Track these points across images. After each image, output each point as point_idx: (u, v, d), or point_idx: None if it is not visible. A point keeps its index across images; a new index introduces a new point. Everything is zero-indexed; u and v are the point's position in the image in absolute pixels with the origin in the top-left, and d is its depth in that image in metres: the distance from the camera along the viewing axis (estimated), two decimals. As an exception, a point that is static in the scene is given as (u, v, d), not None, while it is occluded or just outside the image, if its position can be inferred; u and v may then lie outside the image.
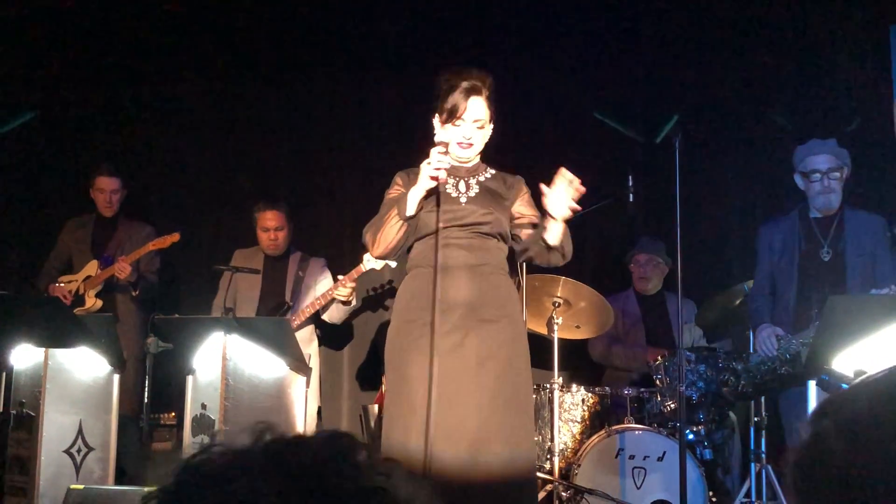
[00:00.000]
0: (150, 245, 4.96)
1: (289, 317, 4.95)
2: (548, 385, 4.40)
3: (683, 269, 3.72)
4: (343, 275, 4.87)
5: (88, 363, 4.05)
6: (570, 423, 4.47)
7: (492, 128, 3.15)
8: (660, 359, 4.51)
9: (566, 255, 3.14)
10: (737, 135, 5.62)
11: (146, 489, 3.58)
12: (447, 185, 3.09)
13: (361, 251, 4.58)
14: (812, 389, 3.44)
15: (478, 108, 3.07)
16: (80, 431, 3.97)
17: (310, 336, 5.09)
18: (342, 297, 4.86)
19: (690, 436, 4.22)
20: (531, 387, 3.22)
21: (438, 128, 3.12)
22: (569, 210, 2.96)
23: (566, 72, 5.72)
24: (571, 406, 4.49)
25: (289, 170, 5.86)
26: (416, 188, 3.00)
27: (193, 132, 5.91)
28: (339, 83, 5.84)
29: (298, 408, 3.92)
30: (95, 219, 5.26)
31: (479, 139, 3.13)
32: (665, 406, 4.41)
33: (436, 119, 3.13)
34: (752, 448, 4.27)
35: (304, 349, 4.81)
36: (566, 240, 3.09)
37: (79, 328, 3.96)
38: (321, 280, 5.16)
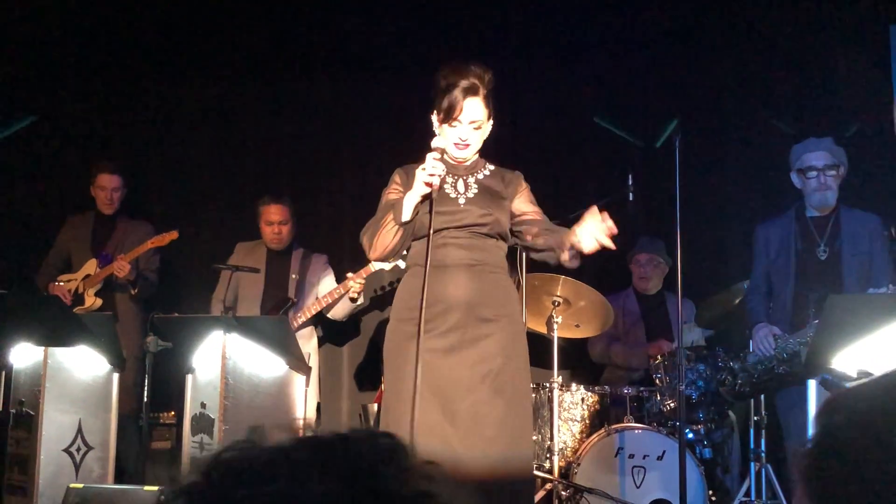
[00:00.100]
0: (149, 243, 4.95)
1: (292, 314, 4.95)
2: (547, 384, 4.40)
3: (683, 269, 3.72)
4: (348, 272, 4.86)
5: (88, 362, 4.05)
6: (570, 422, 4.47)
7: (491, 124, 3.13)
8: (659, 358, 4.51)
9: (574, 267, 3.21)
10: (737, 135, 5.61)
11: (146, 488, 3.59)
12: (445, 185, 3.08)
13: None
14: (812, 388, 3.44)
15: (475, 109, 3.04)
16: (80, 430, 3.97)
17: (309, 333, 5.08)
18: (353, 294, 4.85)
19: (690, 435, 4.22)
20: (530, 387, 3.22)
21: (436, 125, 3.10)
22: (597, 244, 3.01)
23: (566, 72, 5.72)
24: (571, 405, 4.49)
25: (289, 168, 5.86)
26: (412, 193, 2.99)
27: (193, 131, 5.91)
28: (339, 80, 5.84)
29: (298, 407, 3.91)
30: (95, 217, 5.24)
31: (476, 139, 3.11)
32: (665, 405, 4.42)
33: (434, 116, 3.10)
34: (752, 447, 4.27)
35: (304, 347, 4.80)
36: (579, 260, 3.16)
37: (78, 327, 3.95)
38: (324, 277, 5.15)
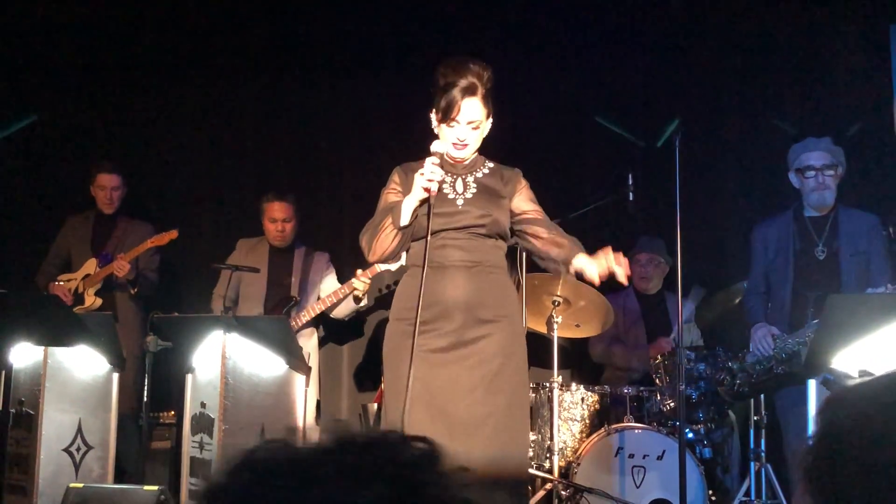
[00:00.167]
0: (149, 242, 4.94)
1: (295, 313, 4.95)
2: (547, 384, 4.39)
3: (683, 269, 3.72)
4: (357, 270, 4.84)
5: (88, 362, 4.05)
6: (570, 422, 4.47)
7: (490, 123, 3.11)
8: (659, 358, 4.51)
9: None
10: (737, 135, 5.61)
11: (146, 488, 3.59)
12: (444, 186, 3.07)
13: None
14: (812, 388, 3.44)
15: (473, 110, 3.02)
16: (80, 430, 3.97)
17: (310, 332, 5.06)
18: (359, 293, 4.85)
19: (690, 435, 4.22)
20: (528, 388, 3.22)
21: (434, 123, 3.09)
22: (600, 276, 3.04)
23: (567, 71, 5.71)
24: (571, 405, 4.49)
25: (289, 166, 5.85)
26: (410, 198, 2.98)
27: (193, 131, 5.90)
28: (340, 78, 5.83)
29: (298, 406, 3.91)
30: (95, 216, 5.24)
31: (475, 139, 3.09)
32: (664, 405, 4.42)
33: (432, 115, 3.08)
34: (752, 447, 4.27)
35: (304, 346, 4.80)
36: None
37: (78, 327, 3.95)
38: (326, 275, 5.13)
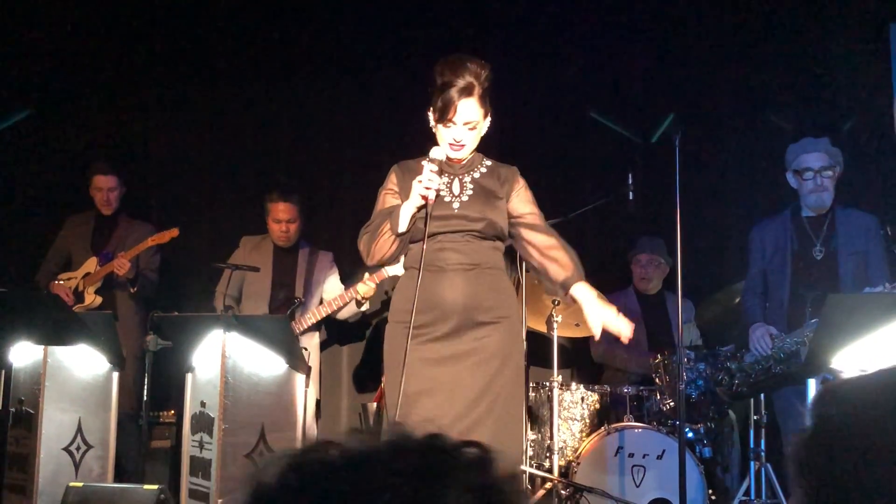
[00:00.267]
0: (150, 240, 4.93)
1: (299, 314, 4.94)
2: (547, 383, 4.39)
3: (683, 269, 3.72)
4: (364, 273, 4.84)
5: (88, 361, 4.05)
6: (570, 422, 4.47)
7: (489, 122, 3.09)
8: (659, 357, 4.51)
9: None
10: (737, 134, 5.61)
11: (145, 487, 3.59)
12: (440, 189, 3.04)
13: None
14: (812, 388, 3.44)
15: (469, 110, 3.00)
16: (80, 429, 3.97)
17: (311, 332, 5.07)
18: (360, 296, 4.84)
19: (690, 434, 4.22)
20: (523, 389, 3.22)
21: (432, 122, 3.07)
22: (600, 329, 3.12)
23: (566, 70, 5.71)
24: (571, 404, 4.49)
25: (289, 166, 5.85)
26: (408, 204, 2.97)
27: (193, 130, 5.90)
28: (340, 78, 5.83)
29: (298, 405, 3.91)
30: (96, 216, 5.23)
31: (471, 139, 3.07)
32: (664, 404, 4.42)
33: (430, 113, 3.06)
34: (752, 446, 4.27)
35: (305, 344, 4.80)
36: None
37: (78, 326, 3.95)
38: (329, 275, 5.12)
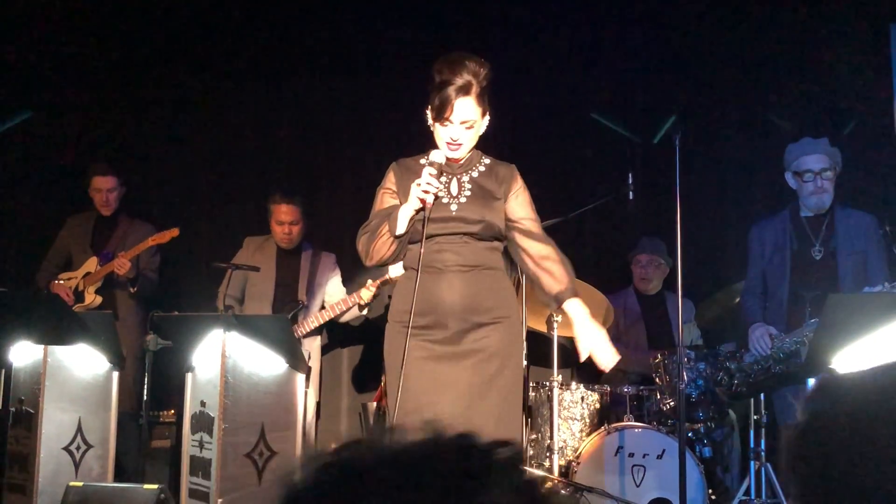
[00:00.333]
0: (150, 240, 4.93)
1: (303, 317, 4.94)
2: (547, 383, 4.39)
3: (683, 269, 3.72)
4: (353, 273, 4.84)
5: (88, 360, 4.05)
6: (570, 421, 4.47)
7: (487, 120, 3.06)
8: (659, 357, 4.51)
9: None
10: (737, 134, 5.61)
11: (145, 487, 3.59)
12: (439, 191, 3.02)
13: None
14: (812, 388, 3.43)
15: (466, 109, 2.97)
16: (80, 428, 3.97)
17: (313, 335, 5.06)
18: (362, 302, 4.84)
19: (690, 434, 4.22)
20: (522, 389, 3.21)
21: (430, 120, 3.05)
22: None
23: (566, 69, 5.72)
24: (571, 404, 4.49)
25: (289, 166, 5.86)
26: (406, 207, 2.96)
27: (193, 130, 5.91)
28: (339, 79, 5.83)
29: (298, 405, 3.91)
30: (96, 216, 5.24)
31: (469, 138, 3.04)
32: (664, 404, 4.41)
33: (428, 112, 3.04)
34: (752, 446, 4.27)
35: (307, 347, 4.80)
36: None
37: (78, 325, 3.95)
38: (331, 277, 5.11)
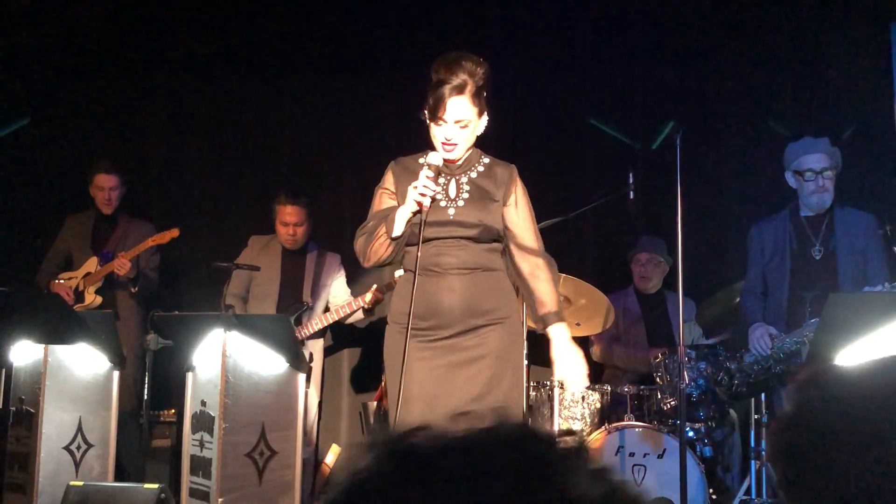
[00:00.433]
0: (150, 241, 4.94)
1: (307, 319, 4.93)
2: (547, 383, 4.39)
3: (683, 268, 3.72)
4: (354, 273, 4.84)
5: (88, 360, 4.05)
6: (570, 421, 4.47)
7: (485, 120, 3.04)
8: (660, 356, 4.51)
9: None
10: (737, 134, 5.61)
11: (146, 486, 3.59)
12: (436, 193, 3.01)
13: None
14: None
15: (460, 109, 2.94)
16: (80, 428, 3.97)
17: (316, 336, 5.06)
18: (367, 304, 4.85)
19: (690, 433, 4.22)
20: (522, 389, 3.22)
21: (426, 119, 3.03)
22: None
23: (566, 68, 5.72)
24: (571, 403, 4.49)
25: (289, 166, 5.85)
26: (403, 210, 2.95)
27: (194, 129, 5.91)
28: (340, 79, 5.83)
29: (299, 405, 3.91)
30: (96, 216, 5.23)
31: (464, 138, 3.01)
32: (665, 403, 4.41)
33: (425, 111, 3.02)
34: (753, 445, 4.27)
35: (310, 349, 4.80)
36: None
37: (78, 325, 3.95)
38: (336, 278, 5.11)
